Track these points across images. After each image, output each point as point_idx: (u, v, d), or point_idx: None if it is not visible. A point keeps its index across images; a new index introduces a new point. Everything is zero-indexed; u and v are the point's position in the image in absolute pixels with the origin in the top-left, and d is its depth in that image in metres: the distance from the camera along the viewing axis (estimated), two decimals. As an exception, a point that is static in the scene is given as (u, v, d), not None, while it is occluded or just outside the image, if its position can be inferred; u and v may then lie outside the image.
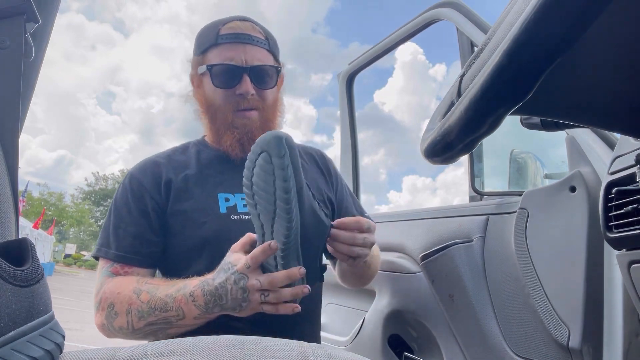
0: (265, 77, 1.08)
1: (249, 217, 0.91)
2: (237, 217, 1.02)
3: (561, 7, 0.29)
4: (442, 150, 0.43)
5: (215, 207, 1.03)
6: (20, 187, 0.59)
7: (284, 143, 0.75)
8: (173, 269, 1.02)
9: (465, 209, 1.31)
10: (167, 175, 1.07)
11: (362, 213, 1.23)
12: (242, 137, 1.07)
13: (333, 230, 0.88)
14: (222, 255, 0.90)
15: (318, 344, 0.50)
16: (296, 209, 0.77)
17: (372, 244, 0.93)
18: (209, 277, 0.86)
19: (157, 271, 1.07)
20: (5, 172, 0.53)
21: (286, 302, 0.81)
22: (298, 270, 0.79)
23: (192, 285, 0.87)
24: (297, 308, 0.81)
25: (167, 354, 0.43)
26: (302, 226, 0.80)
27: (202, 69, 1.08)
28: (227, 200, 1.05)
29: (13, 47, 0.55)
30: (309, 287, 0.81)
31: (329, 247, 0.91)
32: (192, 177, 1.07)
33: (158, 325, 0.88)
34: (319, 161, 1.23)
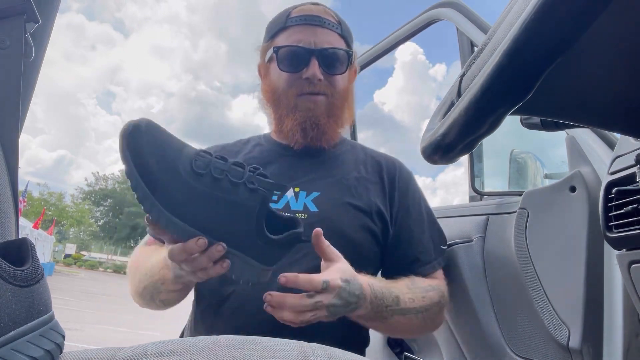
0: (335, 61, 1.00)
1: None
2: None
3: (561, 7, 0.29)
4: (442, 150, 0.43)
5: None
6: (20, 187, 0.59)
7: (129, 129, 0.68)
8: None
9: (465, 209, 1.31)
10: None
11: (435, 243, 1.05)
12: (305, 122, 0.99)
13: (275, 295, 0.75)
14: None
15: (318, 344, 0.50)
16: (143, 191, 0.68)
17: (331, 309, 0.76)
18: None
19: None
20: (5, 172, 0.53)
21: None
22: (195, 242, 0.68)
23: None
24: (226, 264, 0.70)
25: (167, 353, 0.43)
26: (203, 206, 0.70)
27: (270, 53, 1.02)
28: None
29: (13, 47, 0.55)
30: (222, 244, 0.69)
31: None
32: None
33: (150, 289, 0.89)
34: (384, 169, 1.08)
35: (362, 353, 1.02)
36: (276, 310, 0.75)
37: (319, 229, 0.80)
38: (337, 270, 0.78)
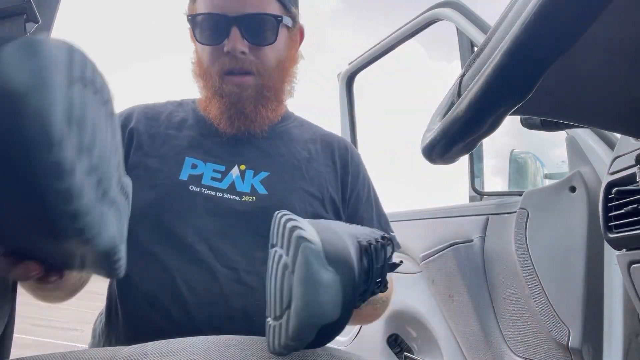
0: (262, 29, 0.84)
1: (214, 192, 0.82)
2: (198, 189, 0.84)
3: (561, 7, 0.29)
4: (442, 150, 0.43)
5: (175, 171, 0.85)
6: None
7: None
8: None
9: (465, 209, 1.31)
10: (137, 122, 0.89)
11: (383, 229, 0.97)
12: (230, 109, 0.87)
13: None
14: (162, 228, 0.80)
15: (318, 344, 0.50)
16: None
17: None
18: None
19: None
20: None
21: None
22: None
23: None
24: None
25: (167, 353, 0.43)
26: None
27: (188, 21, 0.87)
28: (194, 167, 0.87)
29: (13, 47, 0.55)
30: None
31: None
32: (164, 133, 0.90)
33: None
34: (335, 151, 0.98)
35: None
36: None
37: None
38: None
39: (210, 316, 0.77)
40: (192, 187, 0.83)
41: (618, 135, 0.89)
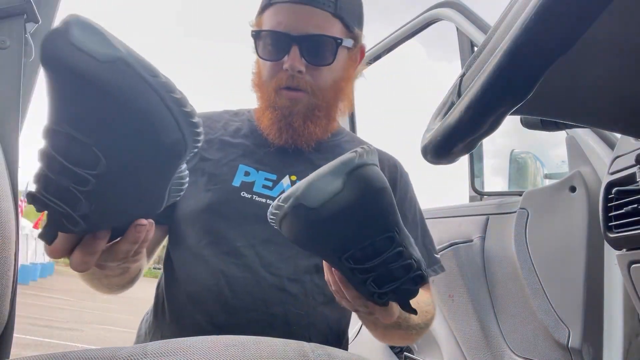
0: (321, 50, 0.86)
1: (264, 200, 0.84)
2: (250, 195, 0.86)
3: (561, 7, 0.29)
4: (442, 150, 0.43)
5: (229, 178, 0.88)
6: (21, 187, 0.59)
7: None
8: (175, 232, 0.89)
9: (465, 209, 1.31)
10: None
11: (428, 250, 0.96)
12: (280, 121, 0.88)
13: (339, 283, 0.63)
14: (212, 232, 0.82)
15: (318, 344, 0.50)
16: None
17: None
18: None
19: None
20: (5, 172, 0.53)
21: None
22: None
23: None
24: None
25: (166, 353, 0.43)
26: None
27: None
28: (247, 174, 0.89)
29: (13, 47, 0.55)
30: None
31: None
32: (219, 140, 0.93)
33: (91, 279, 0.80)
34: (385, 169, 0.98)
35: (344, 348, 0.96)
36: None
37: None
38: None
39: (250, 320, 0.79)
40: (244, 194, 0.86)
41: (618, 135, 0.89)
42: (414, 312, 0.63)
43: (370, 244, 0.57)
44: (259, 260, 0.83)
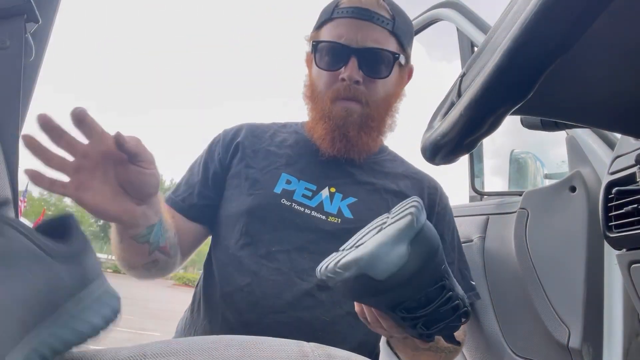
0: (378, 63, 0.90)
1: (302, 209, 0.87)
2: (289, 203, 0.89)
3: (561, 7, 0.29)
4: (442, 150, 0.43)
5: (271, 184, 0.92)
6: (20, 187, 0.59)
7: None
8: (217, 234, 0.95)
9: (465, 209, 1.31)
10: (244, 137, 0.98)
11: (463, 274, 0.98)
12: (335, 131, 0.91)
13: (370, 314, 0.67)
14: (250, 234, 0.86)
15: (318, 344, 0.50)
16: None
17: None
18: None
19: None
20: (5, 172, 0.53)
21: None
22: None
23: None
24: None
25: (167, 353, 0.43)
26: None
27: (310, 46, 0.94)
28: (288, 182, 0.92)
29: (13, 47, 0.55)
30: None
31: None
32: (265, 149, 0.97)
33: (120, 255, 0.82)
34: (425, 190, 1.00)
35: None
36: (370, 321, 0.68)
37: None
38: None
39: (277, 322, 0.81)
40: (283, 201, 0.90)
41: (618, 135, 0.89)
42: (458, 343, 0.65)
43: (424, 295, 0.58)
44: (292, 266, 0.85)
